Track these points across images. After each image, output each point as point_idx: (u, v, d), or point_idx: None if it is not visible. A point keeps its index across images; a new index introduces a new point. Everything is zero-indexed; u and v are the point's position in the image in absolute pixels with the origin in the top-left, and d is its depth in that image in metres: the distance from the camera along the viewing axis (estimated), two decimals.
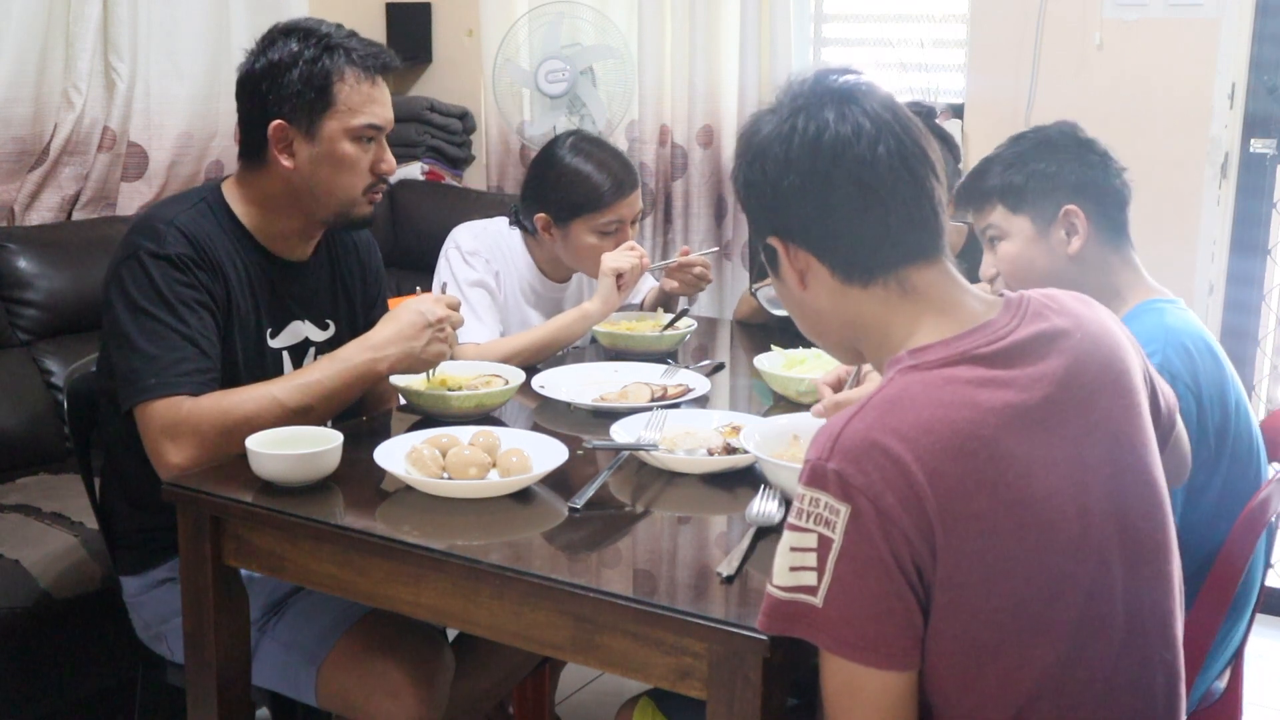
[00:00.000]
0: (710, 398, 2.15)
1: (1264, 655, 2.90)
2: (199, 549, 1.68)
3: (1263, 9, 2.99)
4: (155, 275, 1.78)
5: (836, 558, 1.13)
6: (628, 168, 2.44)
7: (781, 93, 1.30)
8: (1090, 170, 1.83)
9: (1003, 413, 1.18)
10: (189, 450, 1.73)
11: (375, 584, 1.56)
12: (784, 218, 1.28)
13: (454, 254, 2.40)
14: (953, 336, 1.24)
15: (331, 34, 1.87)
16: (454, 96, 4.09)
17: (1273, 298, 3.12)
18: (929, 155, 1.27)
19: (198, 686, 1.73)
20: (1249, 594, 1.78)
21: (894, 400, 1.18)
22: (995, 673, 1.18)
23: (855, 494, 1.13)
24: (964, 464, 1.14)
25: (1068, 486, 1.20)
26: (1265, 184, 3.06)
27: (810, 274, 1.29)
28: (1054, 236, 1.82)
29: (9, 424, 2.76)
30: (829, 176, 1.24)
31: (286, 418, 1.76)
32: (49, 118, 3.14)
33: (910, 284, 1.27)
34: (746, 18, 3.55)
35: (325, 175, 1.88)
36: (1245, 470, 1.74)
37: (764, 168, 1.28)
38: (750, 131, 1.31)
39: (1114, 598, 1.23)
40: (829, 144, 1.24)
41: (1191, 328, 1.75)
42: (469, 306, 2.33)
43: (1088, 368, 1.26)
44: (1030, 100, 3.17)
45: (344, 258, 2.07)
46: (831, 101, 1.26)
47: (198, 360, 1.77)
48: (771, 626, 1.19)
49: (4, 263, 2.88)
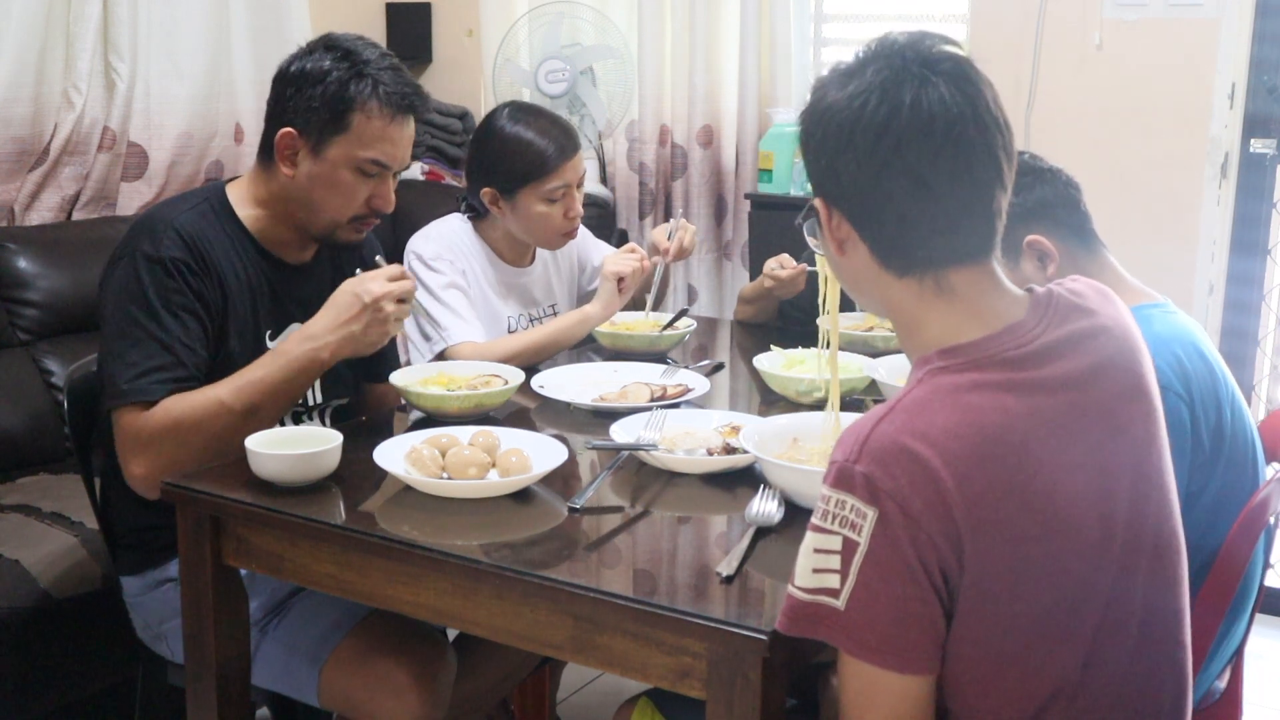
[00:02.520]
0: (710, 398, 2.15)
1: (1264, 655, 2.90)
2: (199, 549, 1.68)
3: (1263, 9, 2.99)
4: (144, 278, 1.78)
5: (861, 561, 1.12)
6: (568, 132, 2.41)
7: (867, 51, 1.23)
8: (1029, 192, 1.76)
9: (1030, 418, 1.17)
10: (148, 462, 1.75)
11: (375, 584, 1.56)
12: (834, 187, 1.23)
13: (417, 265, 2.37)
14: (982, 338, 1.21)
15: (370, 61, 1.86)
16: (454, 96, 4.09)
17: (1273, 298, 3.12)
18: (999, 159, 1.20)
19: (198, 686, 1.73)
20: (1248, 594, 1.78)
21: (923, 404, 1.16)
22: (1014, 676, 1.18)
23: (883, 498, 1.11)
24: (992, 469, 1.13)
25: (1091, 492, 1.20)
26: (1265, 184, 3.06)
27: (849, 245, 1.25)
28: (1026, 270, 1.78)
29: (9, 424, 2.76)
30: (888, 164, 1.18)
31: (236, 420, 1.75)
32: (49, 118, 3.14)
33: (948, 283, 1.22)
34: (746, 18, 3.55)
35: (319, 194, 1.88)
36: (1242, 472, 1.74)
37: (825, 134, 1.21)
38: (822, 88, 1.23)
39: (1133, 602, 1.23)
40: (895, 132, 1.17)
41: (1180, 332, 1.73)
42: (450, 310, 2.32)
43: (1111, 373, 1.25)
44: (1030, 100, 3.17)
45: (347, 260, 2.07)
46: (911, 81, 1.17)
47: (171, 368, 1.77)
48: (792, 628, 1.18)
49: (4, 263, 2.88)
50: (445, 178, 4.00)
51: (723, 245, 3.77)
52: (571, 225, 2.41)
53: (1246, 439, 1.76)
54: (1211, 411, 1.69)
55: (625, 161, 3.84)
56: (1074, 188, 1.82)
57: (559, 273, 2.62)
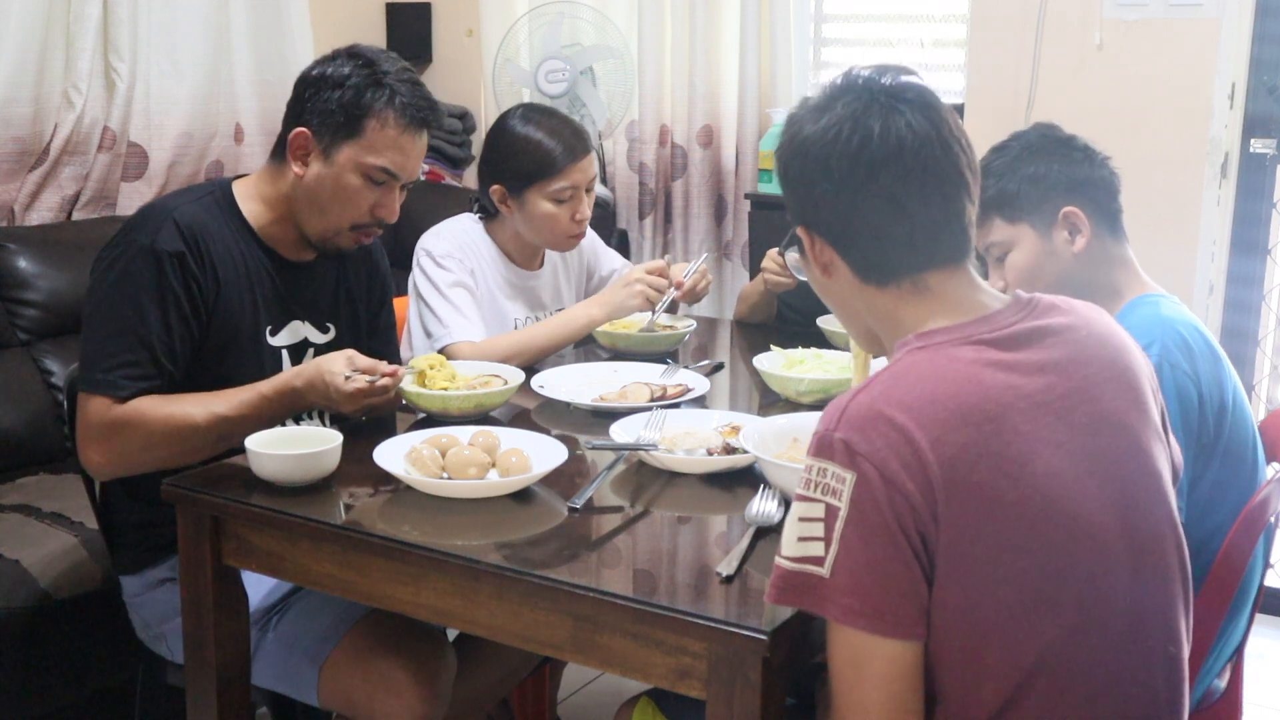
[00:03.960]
0: (710, 398, 2.15)
1: (1264, 655, 2.90)
2: (199, 549, 1.68)
3: (1263, 9, 2.99)
4: (135, 268, 1.80)
5: (843, 526, 1.16)
6: (579, 134, 2.42)
7: (834, 86, 1.31)
8: (1078, 167, 1.84)
9: (1008, 391, 1.21)
10: (107, 452, 1.78)
11: (375, 584, 1.56)
12: (815, 214, 1.32)
13: (426, 261, 2.38)
14: (959, 323, 1.27)
15: (389, 72, 1.89)
16: (454, 96, 4.09)
17: (1273, 298, 3.12)
18: (965, 176, 1.29)
19: (198, 686, 1.73)
20: (1248, 593, 1.78)
21: (900, 375, 1.22)
22: (997, 648, 1.19)
23: (860, 461, 1.15)
24: (967, 434, 1.17)
25: (1071, 470, 1.22)
26: (1265, 184, 3.06)
27: (833, 267, 1.34)
28: (1057, 239, 1.83)
29: (9, 424, 2.76)
30: (863, 187, 1.27)
31: (204, 441, 1.80)
32: (49, 118, 3.14)
33: (925, 283, 1.30)
34: (746, 18, 3.55)
35: (324, 197, 1.89)
36: (1240, 464, 1.75)
37: (803, 166, 1.30)
38: (796, 124, 1.32)
39: (1115, 585, 1.24)
40: (868, 158, 1.26)
41: (1187, 319, 1.76)
42: (454, 308, 2.32)
43: (1091, 361, 1.29)
44: (1030, 100, 3.17)
45: (351, 261, 2.07)
46: (878, 110, 1.27)
47: (145, 365, 1.79)
48: (780, 598, 1.21)
49: (4, 263, 2.88)
50: (445, 178, 4.00)
51: (723, 245, 3.77)
52: (579, 228, 2.42)
53: (1246, 430, 1.77)
54: (1215, 393, 1.71)
55: (625, 161, 3.84)
56: (1117, 178, 1.88)
57: (568, 277, 2.62)
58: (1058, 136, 1.88)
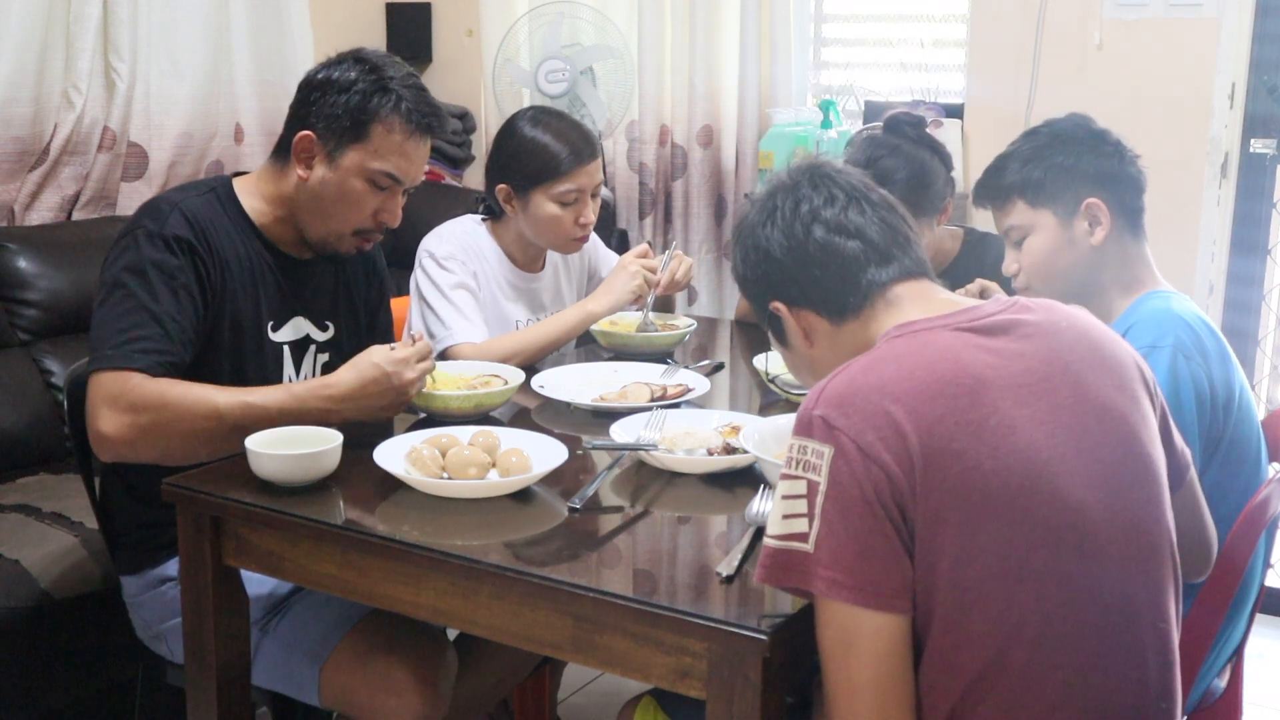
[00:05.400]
0: (710, 398, 2.15)
1: (1264, 655, 2.90)
2: (199, 549, 1.68)
3: (1263, 9, 2.99)
4: (144, 252, 1.79)
5: (824, 500, 1.19)
6: (587, 138, 2.43)
7: (765, 186, 1.47)
8: (1107, 160, 1.85)
9: (985, 369, 1.25)
10: (121, 425, 1.72)
11: (375, 584, 1.56)
12: (779, 281, 1.42)
13: (429, 263, 2.38)
14: (935, 315, 1.33)
15: (395, 78, 1.89)
16: (454, 96, 4.09)
17: (1273, 298, 3.12)
18: (890, 202, 1.44)
19: (198, 686, 1.73)
20: (1248, 593, 1.78)
21: (879, 357, 1.28)
22: (977, 617, 1.20)
23: (838, 434, 1.20)
24: (945, 405, 1.20)
25: (1053, 446, 1.23)
26: (1265, 184, 3.07)
27: (813, 329, 1.42)
28: (1077, 229, 1.84)
29: (9, 424, 2.76)
30: (809, 231, 1.39)
31: (221, 430, 1.74)
32: (49, 118, 3.14)
33: (894, 295, 1.38)
34: (746, 18, 3.55)
35: (327, 200, 1.89)
36: (1242, 463, 1.75)
37: (756, 243, 1.43)
38: (742, 222, 1.47)
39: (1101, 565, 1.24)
40: (806, 210, 1.40)
41: (1197, 314, 1.78)
42: (456, 309, 2.33)
43: (1073, 349, 1.32)
44: (1030, 100, 3.17)
45: (350, 259, 2.07)
46: (806, 179, 1.43)
47: (159, 340, 1.76)
48: (769, 578, 1.23)
49: (4, 263, 2.88)
50: (445, 178, 4.00)
51: (723, 245, 3.77)
52: (582, 232, 2.42)
53: (1251, 428, 1.77)
54: (1224, 388, 1.71)
55: (625, 161, 3.84)
56: (1144, 177, 1.89)
57: (569, 279, 2.62)
58: (1091, 129, 1.89)
